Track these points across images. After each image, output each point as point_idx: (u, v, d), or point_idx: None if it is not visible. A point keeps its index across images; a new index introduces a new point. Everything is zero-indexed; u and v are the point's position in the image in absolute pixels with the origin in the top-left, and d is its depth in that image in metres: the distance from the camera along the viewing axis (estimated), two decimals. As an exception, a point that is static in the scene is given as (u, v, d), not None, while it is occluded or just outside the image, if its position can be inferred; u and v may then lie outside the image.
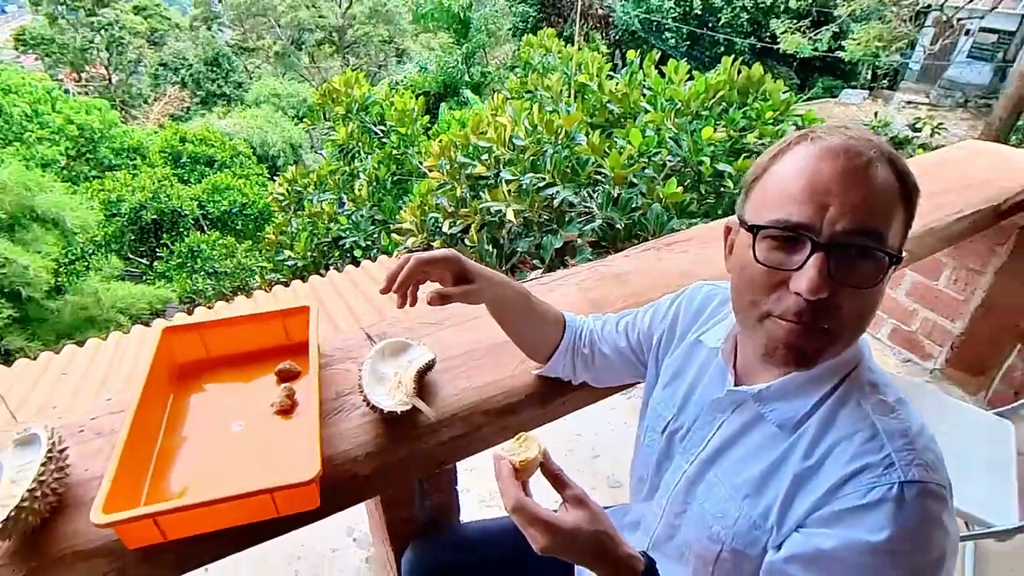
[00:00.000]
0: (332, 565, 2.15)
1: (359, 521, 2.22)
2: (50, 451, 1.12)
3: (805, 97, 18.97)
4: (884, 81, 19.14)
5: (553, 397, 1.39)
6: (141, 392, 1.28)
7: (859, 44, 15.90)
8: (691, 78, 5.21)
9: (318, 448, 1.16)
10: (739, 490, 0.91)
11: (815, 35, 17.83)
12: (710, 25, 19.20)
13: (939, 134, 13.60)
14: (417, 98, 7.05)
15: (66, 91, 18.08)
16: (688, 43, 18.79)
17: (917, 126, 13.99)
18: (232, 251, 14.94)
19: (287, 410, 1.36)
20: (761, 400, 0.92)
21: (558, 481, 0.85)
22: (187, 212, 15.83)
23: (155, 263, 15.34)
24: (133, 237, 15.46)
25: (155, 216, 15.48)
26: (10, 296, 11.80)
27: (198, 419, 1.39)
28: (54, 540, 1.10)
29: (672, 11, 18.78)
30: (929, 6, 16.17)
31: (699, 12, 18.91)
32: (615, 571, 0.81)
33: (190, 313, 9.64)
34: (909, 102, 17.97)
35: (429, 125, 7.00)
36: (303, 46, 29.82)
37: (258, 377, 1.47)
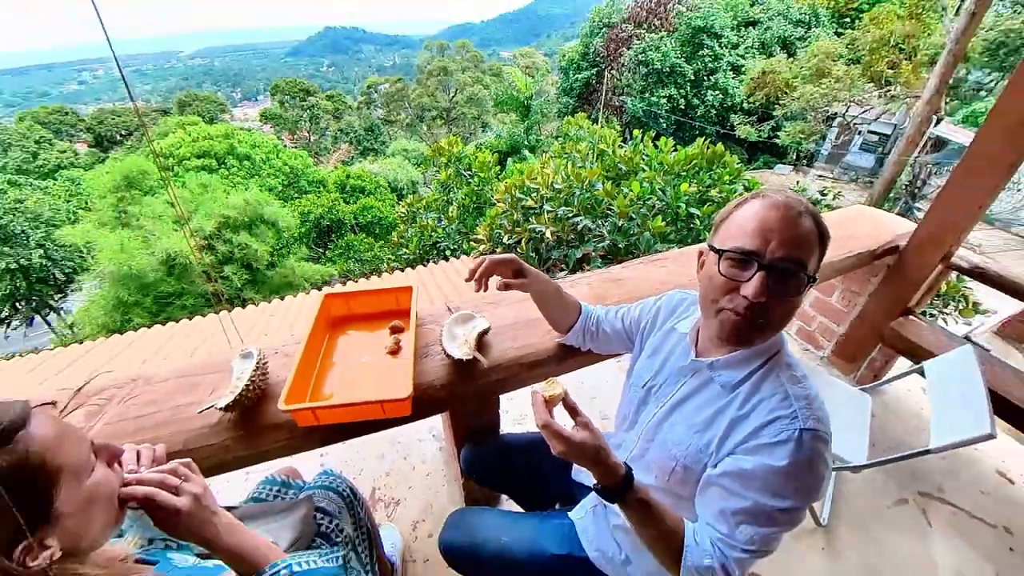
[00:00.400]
0: (419, 449, 2.18)
1: (436, 424, 2.26)
2: (258, 363, 1.20)
3: (751, 168, 18.66)
4: (804, 161, 19.00)
5: (567, 357, 1.38)
6: (309, 332, 1.34)
7: (788, 135, 15.72)
8: (675, 150, 5.17)
9: (411, 378, 1.20)
10: (692, 427, 0.93)
11: (760, 127, 17.60)
12: (690, 116, 19.17)
13: (838, 199, 13.50)
14: (493, 154, 7.12)
15: (284, 146, 18.99)
16: (675, 127, 18.81)
17: (824, 192, 14.02)
18: (371, 247, 15.41)
19: (394, 352, 1.38)
20: (712, 368, 0.93)
21: (574, 411, 0.85)
22: (347, 221, 16.39)
23: (326, 252, 15.90)
24: (315, 235, 16.00)
25: (328, 223, 16.08)
26: (247, 267, 12.66)
27: (341, 352, 1.43)
28: (257, 417, 1.18)
29: (665, 106, 18.76)
30: (835, 114, 16.00)
31: (683, 107, 18.98)
32: (605, 472, 0.81)
33: (344, 284, 10.00)
34: (820, 176, 17.91)
35: (499, 172, 7.05)
36: (423, 119, 30.78)
37: (379, 329, 1.48)
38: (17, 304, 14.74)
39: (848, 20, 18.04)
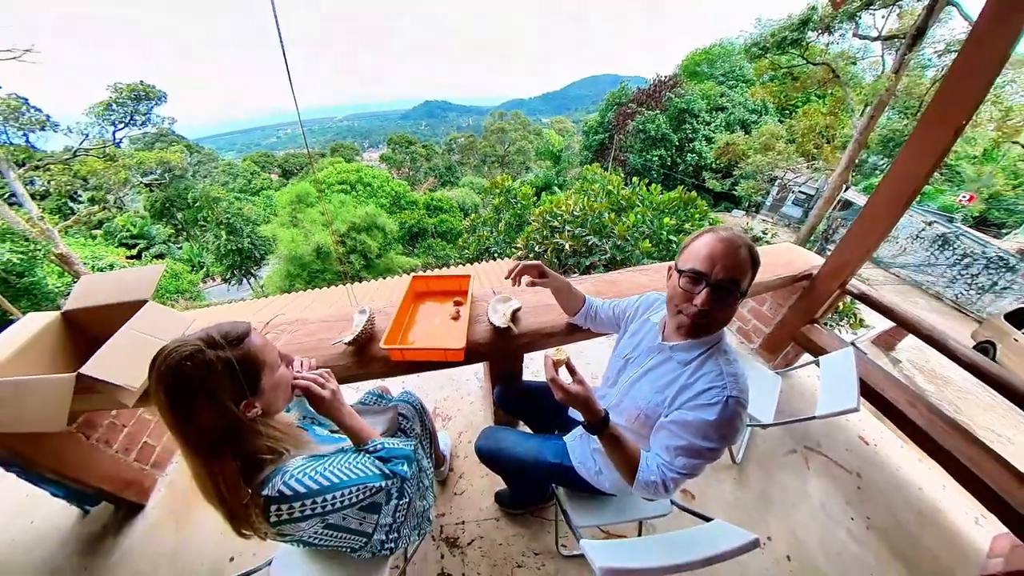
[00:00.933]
0: (466, 385, 2.18)
1: (479, 369, 2.23)
2: (370, 317, 1.25)
3: (715, 210, 18.03)
4: (753, 208, 18.05)
5: (573, 332, 1.36)
6: (401, 300, 1.37)
7: (743, 189, 15.10)
8: (662, 193, 5.06)
9: (465, 336, 1.22)
10: (654, 388, 0.92)
11: (723, 182, 16.88)
12: (674, 170, 18.53)
13: (775, 238, 13.04)
14: (532, 188, 7.01)
15: (392, 178, 19.21)
16: (663, 177, 18.07)
17: (765, 232, 13.46)
18: (444, 248, 15.41)
19: (455, 317, 1.38)
20: (672, 350, 0.92)
21: (572, 371, 0.84)
22: (429, 229, 16.39)
23: (414, 249, 15.88)
24: (408, 238, 16.02)
25: (417, 230, 16.13)
26: (364, 256, 12.85)
27: (421, 315, 1.43)
28: (367, 351, 1.22)
29: (656, 162, 18.24)
30: (776, 177, 15.28)
31: (669, 164, 18.37)
32: (591, 413, 0.82)
33: (424, 271, 10.14)
34: (764, 220, 16.95)
35: (535, 201, 6.95)
36: (486, 163, 30.35)
37: (446, 302, 1.47)
38: (235, 271, 15.91)
39: (788, 112, 17.50)
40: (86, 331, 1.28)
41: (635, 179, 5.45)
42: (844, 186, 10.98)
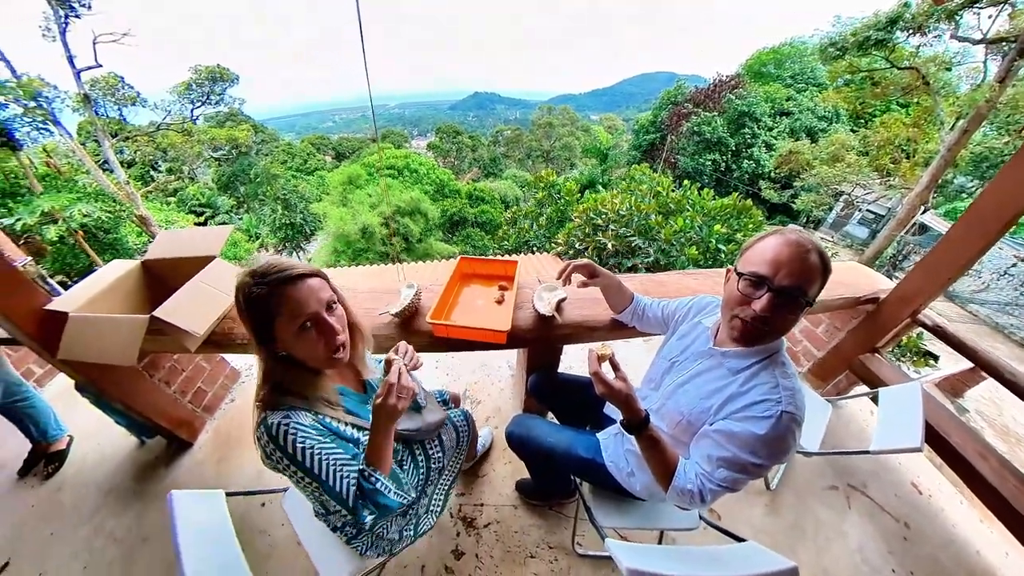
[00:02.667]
0: (498, 372, 2.18)
1: (512, 358, 2.23)
2: (417, 292, 1.27)
3: (770, 222, 17.11)
4: (811, 224, 16.61)
5: (615, 329, 1.31)
6: (448, 280, 1.37)
7: (803, 202, 13.87)
8: (714, 199, 4.79)
9: (510, 320, 1.20)
10: (700, 394, 0.88)
11: (781, 193, 15.69)
12: (727, 177, 17.34)
13: (834, 258, 11.92)
14: (577, 185, 6.93)
15: (438, 166, 19.43)
16: (715, 183, 16.87)
17: (825, 250, 12.56)
18: (482, 238, 15.43)
19: (499, 301, 1.37)
20: (724, 356, 0.87)
21: (616, 368, 0.82)
22: (469, 219, 16.44)
23: (453, 237, 16.00)
24: (448, 225, 16.19)
25: (457, 218, 16.25)
26: (405, 239, 13.26)
27: (466, 296, 1.42)
28: (411, 324, 1.24)
29: (709, 167, 17.08)
30: (842, 192, 13.86)
31: (723, 170, 17.17)
32: (632, 412, 0.79)
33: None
34: (823, 238, 15.52)
35: (578, 198, 6.81)
36: (530, 157, 29.94)
37: (491, 286, 1.46)
38: (287, 244, 16.97)
39: (863, 121, 15.76)
40: (161, 279, 1.39)
41: (687, 182, 5.20)
42: (922, 208, 9.90)
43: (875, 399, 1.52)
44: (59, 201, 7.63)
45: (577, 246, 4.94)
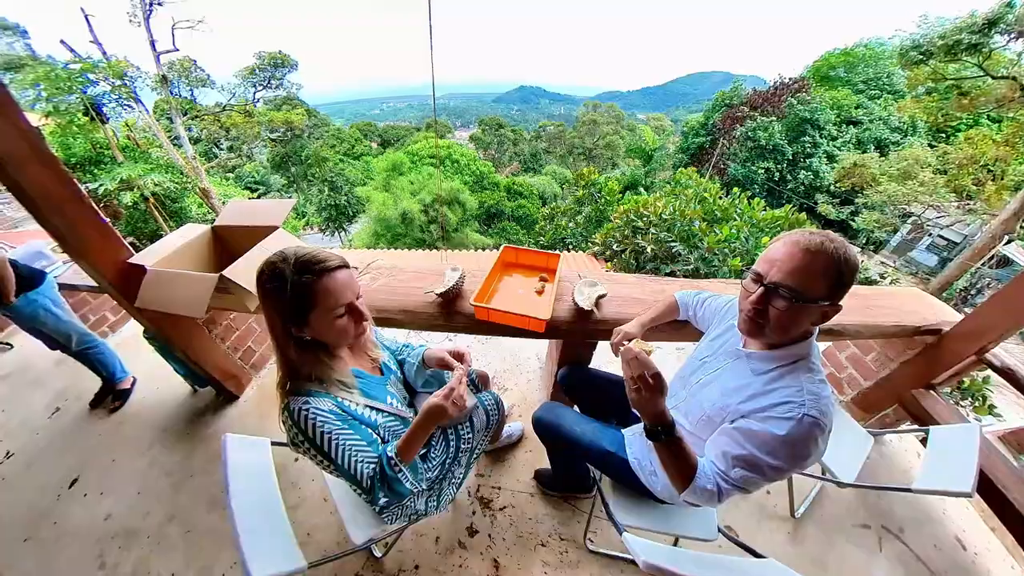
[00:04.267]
0: (527, 363, 2.19)
1: (541, 351, 2.22)
2: (460, 275, 1.30)
3: None
4: (871, 246, 15.08)
5: (652, 330, 1.23)
6: (492, 267, 1.40)
7: (864, 221, 12.52)
8: (765, 210, 4.52)
9: (550, 310, 1.23)
10: (723, 392, 0.88)
11: (840, 208, 14.42)
12: (780, 187, 16.19)
13: (895, 284, 10.67)
14: (619, 185, 6.80)
15: (479, 158, 19.44)
16: (766, 193, 15.77)
17: (884, 275, 11.17)
18: (518, 232, 15.55)
19: (539, 292, 1.37)
20: (749, 357, 0.87)
21: (648, 365, 0.78)
22: (506, 212, 16.58)
23: (489, 229, 16.17)
24: (484, 217, 16.37)
25: (494, 211, 16.42)
26: (442, 228, 13.44)
27: (507, 284, 1.44)
28: (454, 305, 1.27)
29: (761, 175, 15.98)
30: (911, 213, 12.44)
31: (776, 179, 16.04)
32: (657, 421, 0.78)
33: (497, 251, 10.33)
34: (883, 262, 13.97)
35: (619, 198, 6.68)
36: (572, 154, 29.22)
37: (531, 276, 1.46)
38: (331, 224, 17.80)
39: (943, 135, 14.01)
40: (227, 244, 1.50)
41: (736, 190, 4.95)
42: (1005, 238, 8.77)
43: (924, 441, 1.42)
44: (135, 171, 8.37)
45: (615, 247, 4.84)
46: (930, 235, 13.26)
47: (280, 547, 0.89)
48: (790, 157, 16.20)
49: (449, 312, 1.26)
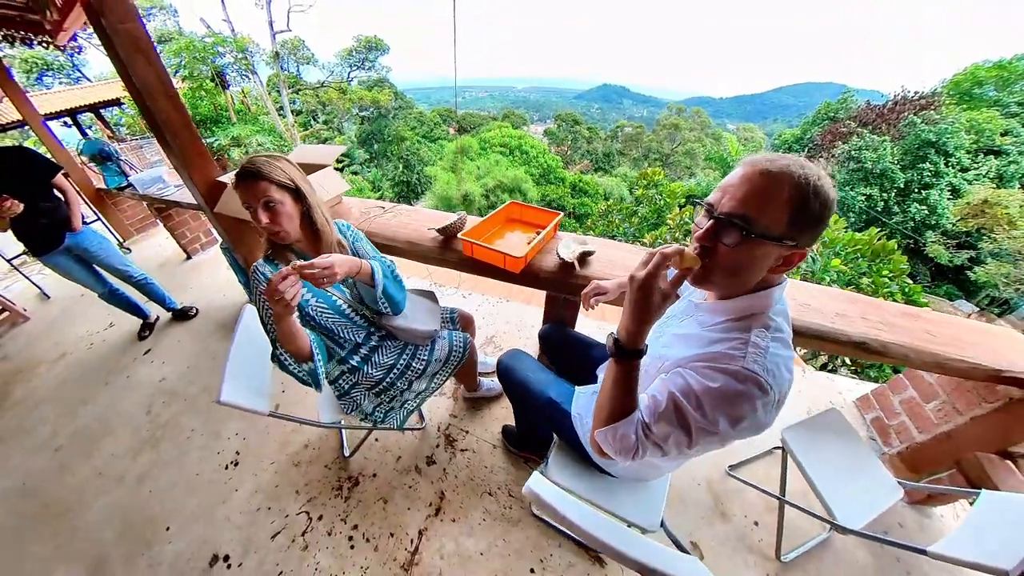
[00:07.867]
0: (528, 330, 2.30)
1: (538, 320, 2.31)
2: (461, 217, 1.45)
3: (928, 291, 12.39)
4: (995, 307, 11.98)
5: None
6: (491, 215, 1.51)
7: (986, 272, 9.87)
8: (846, 230, 3.90)
9: (528, 251, 1.29)
10: (663, 343, 0.83)
11: (955, 252, 11.59)
12: (883, 219, 13.27)
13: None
14: (685, 190, 6.48)
15: (550, 152, 19.39)
16: (863, 225, 12.87)
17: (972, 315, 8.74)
18: (576, 230, 15.52)
19: (530, 243, 1.37)
20: (697, 308, 0.81)
21: (677, 284, 0.67)
22: (567, 208, 16.46)
23: None
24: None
25: (555, 206, 16.37)
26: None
27: (505, 234, 1.54)
28: (449, 244, 1.44)
29: (861, 202, 13.44)
30: None
31: (879, 209, 13.15)
32: (635, 337, 0.69)
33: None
34: (1012, 328, 10.85)
35: (682, 203, 6.47)
36: (647, 158, 28.13)
37: (530, 231, 1.53)
38: (400, 198, 19.05)
39: None
40: (287, 174, 1.85)
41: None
42: None
43: (973, 502, 1.09)
44: (245, 131, 9.76)
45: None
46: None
47: (255, 390, 1.12)
48: (901, 185, 13.73)
49: (444, 248, 1.44)
